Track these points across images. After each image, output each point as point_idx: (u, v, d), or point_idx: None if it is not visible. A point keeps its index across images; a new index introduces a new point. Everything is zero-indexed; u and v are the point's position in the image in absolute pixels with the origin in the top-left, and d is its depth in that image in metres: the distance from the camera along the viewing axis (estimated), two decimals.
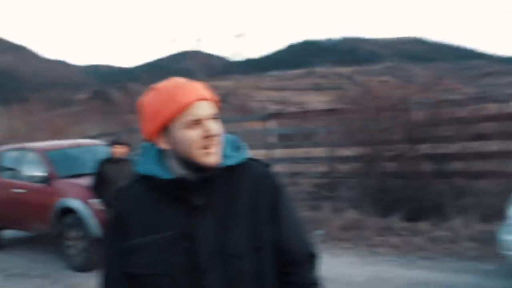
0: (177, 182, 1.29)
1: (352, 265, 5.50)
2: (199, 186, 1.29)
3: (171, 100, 1.26)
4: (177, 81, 1.32)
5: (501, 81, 46.86)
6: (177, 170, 1.31)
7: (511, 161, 6.91)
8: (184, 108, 1.25)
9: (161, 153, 1.35)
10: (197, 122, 1.26)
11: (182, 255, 1.27)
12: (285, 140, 10.06)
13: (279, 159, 8.76)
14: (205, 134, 1.26)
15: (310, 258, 1.42)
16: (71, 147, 7.60)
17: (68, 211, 6.30)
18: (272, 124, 9.13)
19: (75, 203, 6.19)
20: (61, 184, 6.56)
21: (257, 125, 13.71)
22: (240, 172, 1.35)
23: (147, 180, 1.33)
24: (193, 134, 1.26)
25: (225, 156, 1.33)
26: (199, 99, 1.28)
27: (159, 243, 1.28)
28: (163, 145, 1.31)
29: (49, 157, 6.96)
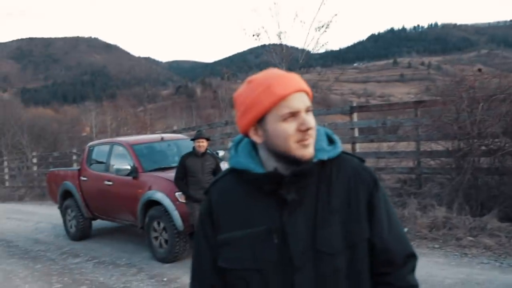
0: (270, 176, 1.24)
1: (440, 266, 5.20)
2: (293, 180, 1.23)
3: (267, 92, 1.21)
4: (273, 72, 1.27)
5: None
6: (269, 164, 1.27)
7: None
8: (280, 100, 1.20)
9: (253, 146, 1.31)
10: (293, 115, 1.21)
11: (273, 251, 1.23)
12: (367, 133, 9.73)
13: (361, 153, 8.49)
14: (301, 127, 1.21)
15: (410, 259, 1.32)
16: (156, 141, 7.84)
17: (153, 204, 6.51)
18: (355, 117, 8.88)
19: (160, 196, 6.37)
20: (147, 177, 6.79)
21: (338, 118, 13.40)
22: (335, 166, 1.29)
23: (238, 173, 1.30)
24: (289, 127, 1.21)
25: (319, 149, 1.27)
26: (296, 90, 1.22)
27: (250, 237, 1.25)
28: (256, 138, 1.27)
29: (135, 151, 7.23)
